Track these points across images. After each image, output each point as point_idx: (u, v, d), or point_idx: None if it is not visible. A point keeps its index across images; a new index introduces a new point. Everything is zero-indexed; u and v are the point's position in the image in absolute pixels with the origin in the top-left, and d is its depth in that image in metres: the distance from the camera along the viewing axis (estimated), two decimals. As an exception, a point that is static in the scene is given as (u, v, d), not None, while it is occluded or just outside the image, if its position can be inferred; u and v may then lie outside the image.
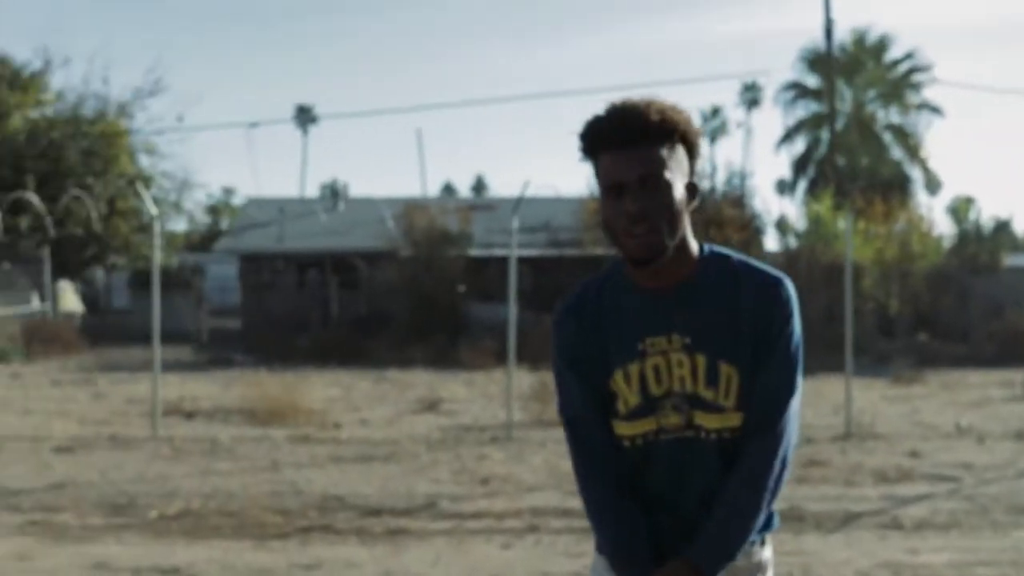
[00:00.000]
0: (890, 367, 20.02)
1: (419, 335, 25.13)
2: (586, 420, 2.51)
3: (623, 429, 2.49)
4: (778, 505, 2.47)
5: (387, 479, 9.68)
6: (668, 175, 2.35)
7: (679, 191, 2.37)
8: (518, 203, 13.04)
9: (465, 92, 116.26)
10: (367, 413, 14.39)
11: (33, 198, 27.37)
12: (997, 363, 21.56)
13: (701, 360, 2.43)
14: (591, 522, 2.51)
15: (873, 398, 15.44)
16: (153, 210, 12.06)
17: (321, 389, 16.68)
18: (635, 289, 2.47)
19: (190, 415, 13.93)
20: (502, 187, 77.96)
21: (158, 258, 12.14)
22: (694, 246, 2.46)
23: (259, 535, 7.58)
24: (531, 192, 13.20)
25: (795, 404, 2.45)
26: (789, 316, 2.44)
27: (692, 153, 2.43)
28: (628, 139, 2.34)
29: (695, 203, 2.43)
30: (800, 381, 2.44)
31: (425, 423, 13.45)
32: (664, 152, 2.35)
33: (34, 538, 7.51)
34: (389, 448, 11.39)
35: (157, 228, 12.10)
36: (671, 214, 2.36)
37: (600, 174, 2.40)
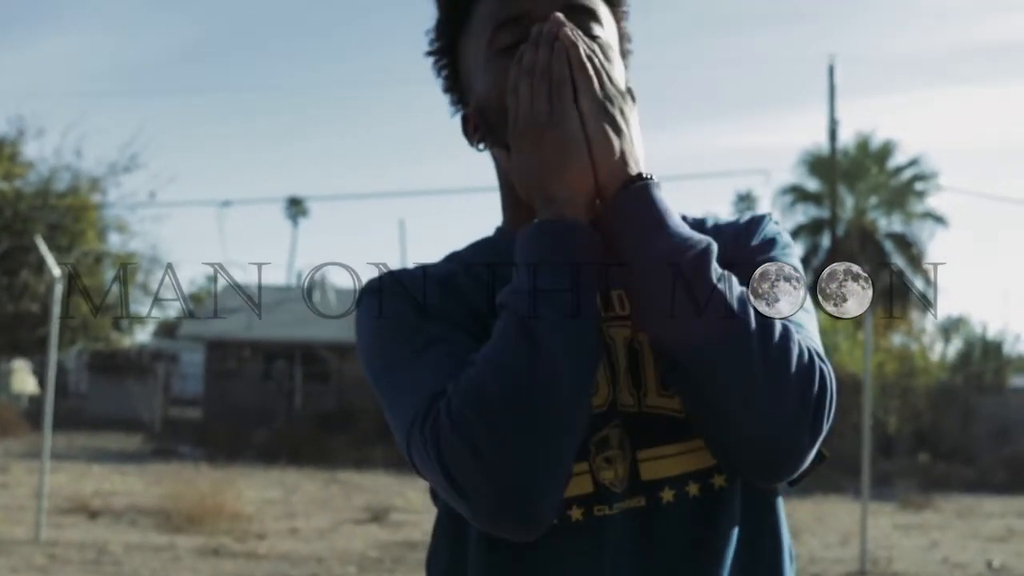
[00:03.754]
0: (893, 489, 18.14)
1: (385, 434, 23.25)
2: None
3: None
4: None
5: (294, 611, 7.80)
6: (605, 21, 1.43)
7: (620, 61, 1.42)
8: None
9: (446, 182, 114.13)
10: (301, 521, 12.48)
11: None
12: (1009, 490, 19.71)
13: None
14: None
15: (883, 526, 13.52)
16: (55, 271, 10.32)
17: (259, 490, 14.82)
18: None
19: (94, 514, 12.04)
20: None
21: (55, 330, 10.35)
22: None
23: None
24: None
25: None
26: None
27: (622, 36, 1.50)
28: None
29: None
30: None
31: (365, 536, 11.54)
32: None
33: None
34: (310, 568, 9.48)
35: (58, 292, 10.33)
36: None
37: (484, 15, 1.41)
